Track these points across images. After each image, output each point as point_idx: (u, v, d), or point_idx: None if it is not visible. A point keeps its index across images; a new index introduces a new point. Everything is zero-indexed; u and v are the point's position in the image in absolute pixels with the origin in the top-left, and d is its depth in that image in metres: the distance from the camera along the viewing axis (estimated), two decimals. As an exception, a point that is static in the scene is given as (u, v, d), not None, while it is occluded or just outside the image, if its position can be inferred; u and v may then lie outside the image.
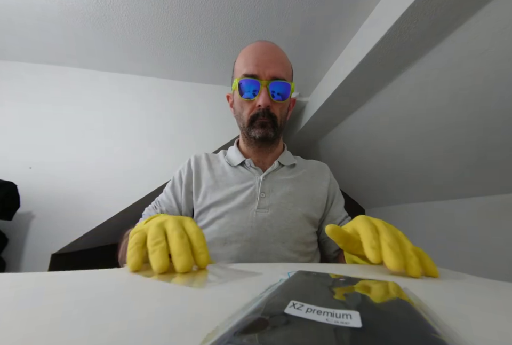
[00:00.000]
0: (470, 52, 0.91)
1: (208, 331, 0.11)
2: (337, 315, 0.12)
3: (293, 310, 0.13)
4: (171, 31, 1.18)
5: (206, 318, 0.14)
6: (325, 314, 0.12)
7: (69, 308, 0.15)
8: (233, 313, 0.13)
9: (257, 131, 0.54)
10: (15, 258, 1.19)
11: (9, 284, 0.21)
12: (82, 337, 0.12)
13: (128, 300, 0.17)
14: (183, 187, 0.57)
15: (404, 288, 0.18)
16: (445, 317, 0.15)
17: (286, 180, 0.58)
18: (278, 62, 0.53)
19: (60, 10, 1.08)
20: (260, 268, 0.29)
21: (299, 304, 0.13)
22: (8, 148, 1.31)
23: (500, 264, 1.28)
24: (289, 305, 0.13)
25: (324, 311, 0.13)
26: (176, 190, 0.58)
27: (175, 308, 0.16)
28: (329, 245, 0.59)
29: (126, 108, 1.49)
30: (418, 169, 1.57)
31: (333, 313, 0.12)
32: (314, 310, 0.13)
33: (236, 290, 0.20)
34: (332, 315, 0.12)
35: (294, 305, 0.13)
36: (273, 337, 0.10)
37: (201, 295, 0.18)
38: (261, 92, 0.51)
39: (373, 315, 0.12)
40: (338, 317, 0.12)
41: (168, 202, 0.57)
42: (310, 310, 0.13)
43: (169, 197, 0.58)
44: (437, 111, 1.19)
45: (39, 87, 1.42)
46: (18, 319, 0.14)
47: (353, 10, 1.03)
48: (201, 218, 0.54)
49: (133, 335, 0.12)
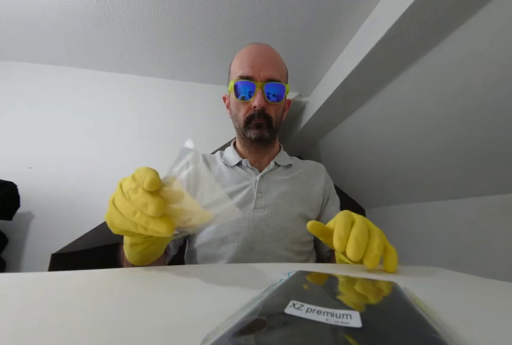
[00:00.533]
0: (470, 52, 0.91)
1: (208, 331, 0.11)
2: (337, 315, 0.12)
3: (293, 310, 0.13)
4: (171, 31, 1.18)
5: (206, 318, 0.14)
6: (325, 314, 0.12)
7: (68, 308, 0.15)
8: (233, 313, 0.13)
9: (253, 132, 0.55)
10: (15, 258, 1.19)
11: (9, 284, 0.21)
12: (83, 337, 0.12)
13: (128, 300, 0.17)
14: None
15: (404, 288, 0.18)
16: (445, 317, 0.15)
17: (282, 180, 0.58)
18: (273, 64, 0.54)
19: (59, 10, 1.08)
20: (260, 268, 0.29)
21: (299, 304, 0.13)
22: (8, 148, 1.31)
23: (500, 264, 1.28)
24: (289, 305, 0.13)
25: (324, 311, 0.13)
26: None
27: (175, 308, 0.16)
28: (322, 245, 0.60)
29: (125, 108, 1.49)
30: (418, 169, 1.58)
31: (333, 313, 0.12)
32: (314, 309, 0.13)
33: (235, 290, 0.20)
34: (331, 315, 0.12)
35: (294, 305, 0.13)
36: (273, 337, 0.10)
37: (201, 295, 0.18)
38: (256, 94, 0.52)
39: (373, 315, 0.13)
40: (338, 317, 0.12)
41: None
42: (310, 310, 0.13)
43: None
44: (437, 111, 1.19)
45: (39, 87, 1.42)
46: (18, 319, 0.14)
47: (353, 10, 1.03)
48: None
49: (133, 335, 0.12)
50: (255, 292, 0.17)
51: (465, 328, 0.13)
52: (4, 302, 0.16)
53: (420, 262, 1.77)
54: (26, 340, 0.11)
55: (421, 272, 0.30)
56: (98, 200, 1.31)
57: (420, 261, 1.78)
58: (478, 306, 0.17)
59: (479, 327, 0.14)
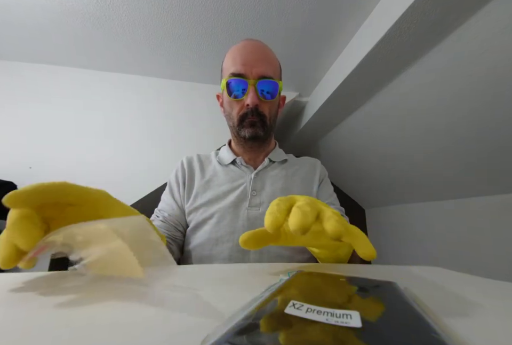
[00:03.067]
0: (470, 52, 0.91)
1: (208, 332, 0.11)
2: (337, 315, 0.12)
3: (293, 310, 0.13)
4: (171, 31, 1.18)
5: (205, 319, 0.14)
6: (324, 314, 0.12)
7: (68, 308, 0.15)
8: (233, 314, 0.13)
9: (247, 131, 0.54)
10: (15, 258, 1.19)
11: (9, 284, 0.21)
12: (81, 338, 0.12)
13: (127, 300, 0.17)
14: (180, 186, 0.57)
15: (404, 288, 0.18)
16: (445, 317, 0.15)
17: (278, 176, 0.57)
18: (265, 60, 0.53)
19: (60, 10, 1.08)
20: (259, 268, 0.29)
21: (299, 304, 0.13)
22: (8, 148, 1.31)
23: (500, 264, 1.28)
24: (289, 305, 0.13)
25: (324, 310, 0.13)
26: (175, 193, 0.57)
27: (174, 309, 0.16)
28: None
29: (125, 108, 1.49)
30: (418, 169, 1.58)
31: (333, 313, 0.12)
32: (314, 309, 0.13)
33: (235, 290, 0.20)
34: (331, 315, 0.12)
35: (294, 305, 0.13)
36: (273, 337, 0.10)
37: (200, 295, 0.18)
38: (249, 91, 0.51)
39: (372, 315, 0.13)
40: (338, 317, 0.12)
41: (168, 207, 0.56)
42: (310, 309, 0.13)
43: (169, 202, 0.56)
44: (437, 111, 1.19)
45: (39, 87, 1.42)
46: (18, 318, 0.14)
47: (353, 10, 1.03)
48: (191, 218, 0.53)
49: (132, 337, 0.12)
50: (255, 292, 0.17)
51: (465, 328, 0.13)
52: (4, 302, 0.16)
53: (420, 262, 1.77)
54: (26, 340, 0.11)
55: (421, 272, 0.30)
56: (98, 200, 1.31)
57: (420, 261, 1.78)
58: (478, 306, 0.17)
59: (479, 327, 0.14)
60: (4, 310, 0.15)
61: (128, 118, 1.48)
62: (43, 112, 1.39)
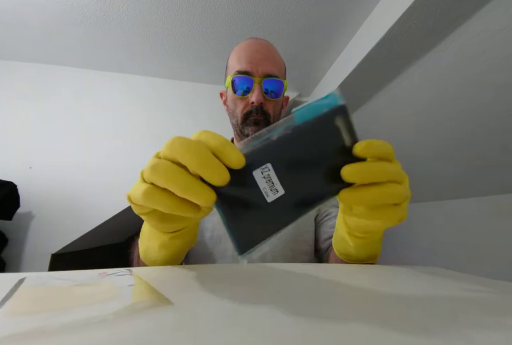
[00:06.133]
0: (470, 52, 0.91)
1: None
2: None
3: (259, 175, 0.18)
4: (171, 31, 1.18)
5: (206, 319, 0.14)
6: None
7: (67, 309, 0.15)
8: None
9: (251, 129, 0.54)
10: (15, 258, 1.19)
11: (9, 284, 0.21)
12: (79, 340, 0.12)
13: (126, 300, 0.17)
14: None
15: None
16: (444, 317, 0.15)
17: None
18: (271, 59, 0.53)
19: (60, 10, 1.08)
20: (261, 268, 0.29)
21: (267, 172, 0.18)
22: (8, 148, 1.31)
23: (500, 264, 1.28)
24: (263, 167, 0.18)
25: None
26: None
27: (173, 308, 0.16)
28: (317, 236, 0.56)
29: (125, 108, 1.49)
30: (418, 169, 1.58)
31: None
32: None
33: (236, 290, 0.20)
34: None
35: (262, 172, 0.18)
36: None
37: (200, 295, 0.18)
38: (254, 89, 0.51)
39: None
40: None
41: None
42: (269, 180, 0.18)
43: None
44: (437, 111, 1.19)
45: (39, 87, 1.42)
46: (17, 318, 0.14)
47: (353, 10, 1.03)
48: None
49: (132, 338, 0.12)
50: (255, 292, 0.17)
51: (465, 328, 0.13)
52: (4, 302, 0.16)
53: (420, 262, 1.77)
54: (26, 339, 0.11)
55: (421, 271, 0.30)
56: (99, 200, 1.31)
57: (420, 261, 1.78)
58: (477, 306, 0.17)
59: (480, 327, 0.14)
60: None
61: (127, 118, 1.48)
62: (43, 112, 1.39)
